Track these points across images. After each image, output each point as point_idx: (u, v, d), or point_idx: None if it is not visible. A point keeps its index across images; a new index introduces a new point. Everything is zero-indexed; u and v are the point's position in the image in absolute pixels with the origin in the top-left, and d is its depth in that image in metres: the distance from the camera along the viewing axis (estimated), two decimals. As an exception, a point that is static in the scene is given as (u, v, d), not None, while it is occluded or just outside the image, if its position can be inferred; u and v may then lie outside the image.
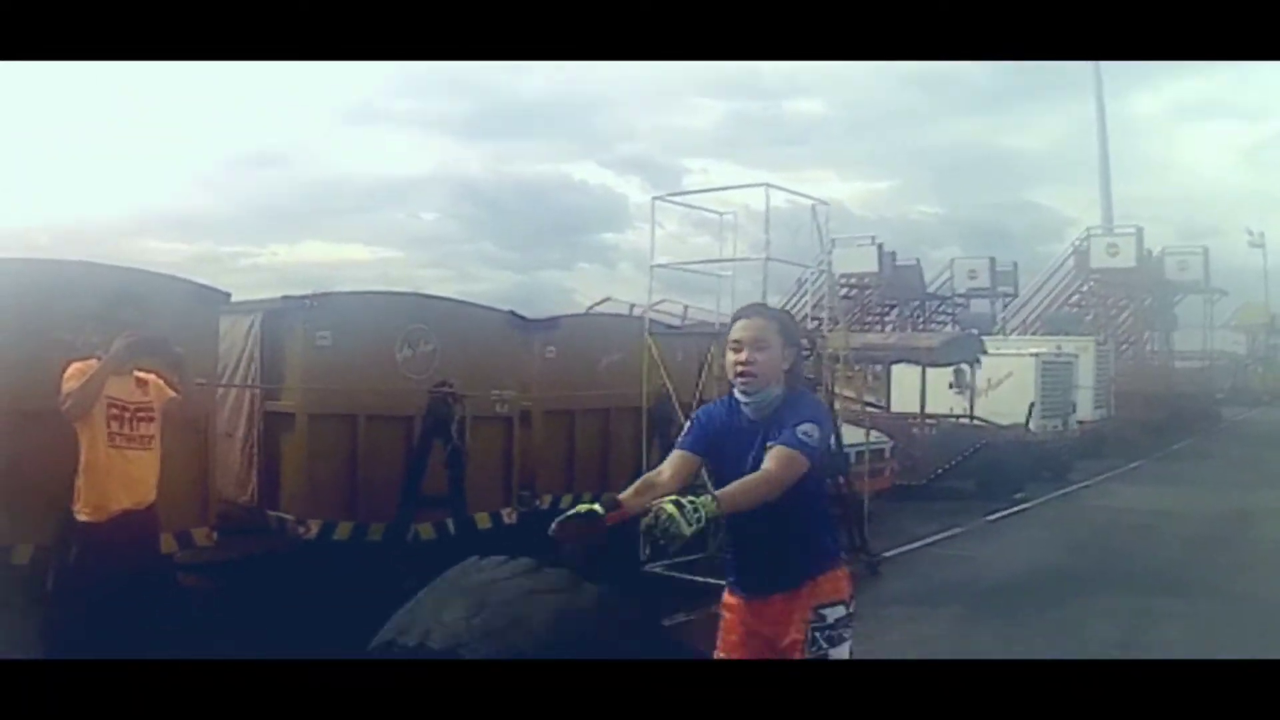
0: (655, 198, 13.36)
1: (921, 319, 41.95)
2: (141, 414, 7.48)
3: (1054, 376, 28.36)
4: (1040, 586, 13.57)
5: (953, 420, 23.77)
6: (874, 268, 40.63)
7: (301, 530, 10.06)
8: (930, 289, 42.53)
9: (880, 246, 41.32)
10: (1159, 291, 43.52)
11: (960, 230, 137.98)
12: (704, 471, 5.54)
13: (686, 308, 17.15)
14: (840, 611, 5.19)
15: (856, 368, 14.15)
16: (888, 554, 14.96)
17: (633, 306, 17.07)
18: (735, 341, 5.23)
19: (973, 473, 22.19)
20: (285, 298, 10.62)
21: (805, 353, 13.30)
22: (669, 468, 5.36)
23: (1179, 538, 17.72)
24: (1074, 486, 24.73)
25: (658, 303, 17.98)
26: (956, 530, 17.75)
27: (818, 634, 5.18)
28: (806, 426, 5.03)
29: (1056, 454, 26.36)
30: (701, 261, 14.55)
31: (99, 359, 7.30)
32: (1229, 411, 54.02)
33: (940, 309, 42.95)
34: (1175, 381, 44.67)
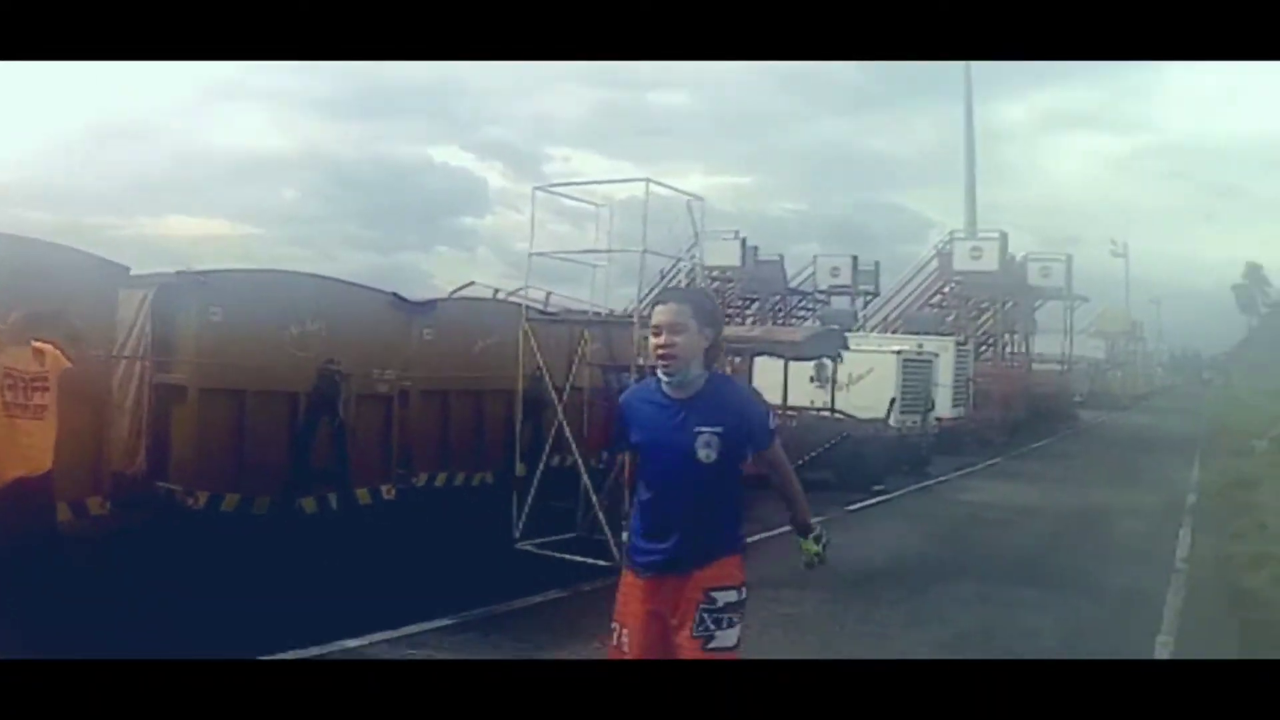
0: (536, 187, 13.70)
1: (782, 313, 42.45)
2: (37, 384, 7.66)
3: (914, 374, 28.75)
4: (902, 574, 14.18)
5: (814, 413, 24.22)
6: (736, 262, 41.19)
7: (190, 501, 10.30)
8: (792, 284, 43.08)
9: (744, 241, 41.75)
10: (1020, 295, 44.48)
11: (822, 228, 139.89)
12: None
13: (549, 294, 17.51)
14: (731, 596, 5.44)
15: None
16: (751, 539, 15.45)
17: (496, 291, 17.42)
18: (655, 326, 5.47)
19: (833, 464, 22.59)
20: (179, 273, 10.89)
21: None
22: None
23: (1036, 532, 18.43)
24: (932, 481, 25.36)
25: (516, 290, 18.47)
26: (817, 520, 18.23)
27: (706, 615, 5.45)
28: (770, 419, 5.60)
29: (915, 449, 26.98)
30: (581, 251, 14.98)
31: None
32: (1087, 414, 55.44)
33: (801, 304, 43.49)
34: (1034, 383, 45.62)
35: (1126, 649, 10.36)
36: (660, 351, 5.44)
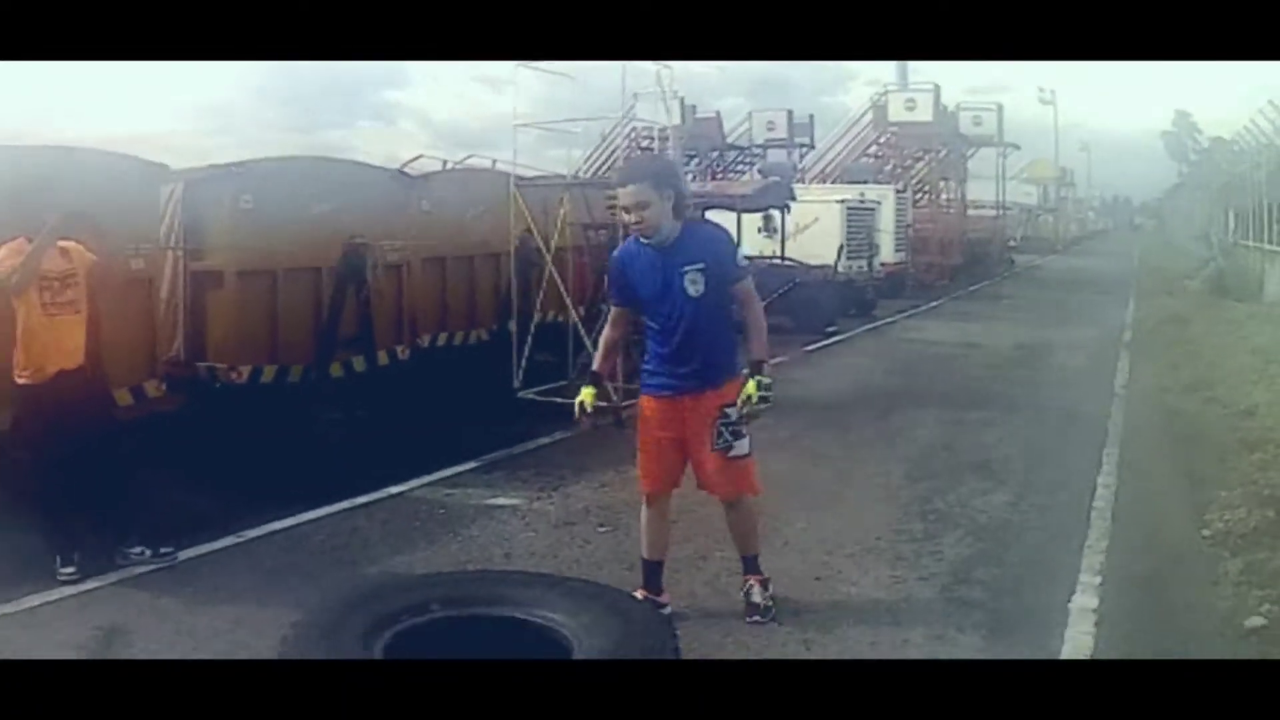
0: (519, 65, 14.41)
1: (720, 169, 42.85)
2: (68, 281, 8.12)
3: (858, 222, 29.58)
4: (867, 402, 15.57)
5: (766, 261, 24.85)
6: (675, 120, 41.31)
7: (234, 375, 11.05)
8: (729, 140, 43.49)
9: (682, 100, 42.30)
10: (954, 144, 45.34)
11: (744, 82, 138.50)
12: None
13: (495, 161, 18.44)
14: (768, 379, 6.42)
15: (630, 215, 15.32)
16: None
17: (494, 162, 18.26)
18: (623, 207, 6.45)
19: (787, 309, 23.45)
20: (211, 166, 11.62)
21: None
22: (614, 327, 6.97)
23: (983, 364, 19.82)
24: (880, 323, 26.89)
25: (467, 157, 19.31)
26: (780, 359, 19.27)
27: (724, 429, 6.47)
28: (739, 256, 6.65)
29: (862, 293, 28.30)
30: (560, 121, 15.88)
31: (28, 239, 7.96)
32: (1022, 259, 56.74)
33: (739, 159, 43.94)
34: (969, 228, 46.76)
35: (1075, 461, 11.58)
36: (634, 227, 6.44)
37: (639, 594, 6.81)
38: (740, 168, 42.56)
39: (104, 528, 8.37)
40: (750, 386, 6.35)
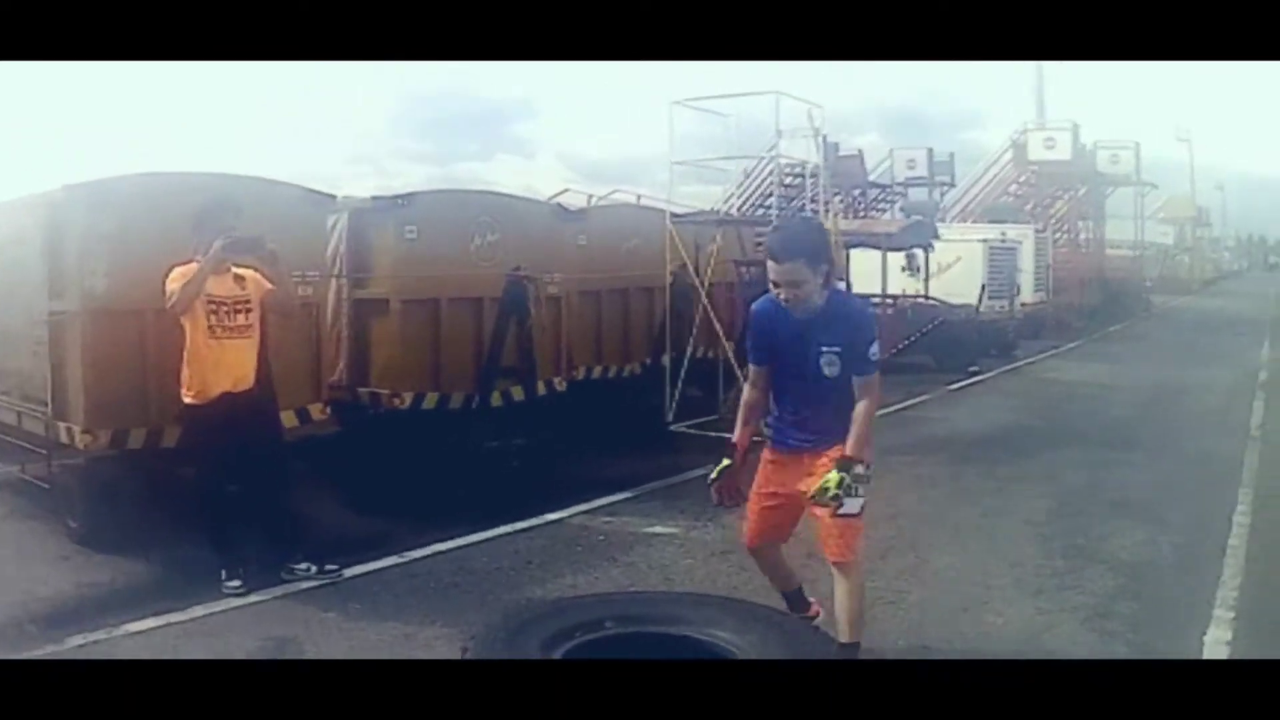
0: (674, 102, 14.65)
1: (862, 206, 42.85)
2: (239, 306, 8.40)
3: (1000, 261, 29.47)
4: (1011, 441, 15.54)
5: (911, 300, 25.01)
6: (818, 159, 41.36)
7: (397, 401, 11.31)
8: (870, 178, 43.50)
9: (824, 138, 42.21)
10: (1092, 183, 45.07)
11: (881, 119, 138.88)
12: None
13: (640, 196, 18.79)
14: (859, 469, 6.03)
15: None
16: (886, 411, 16.62)
17: (639, 197, 18.62)
18: (774, 282, 6.11)
19: (930, 348, 23.90)
20: (375, 198, 11.95)
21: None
22: (755, 388, 6.63)
23: (1122, 404, 19.69)
24: (1021, 362, 26.66)
25: (611, 193, 19.42)
26: (925, 397, 19.68)
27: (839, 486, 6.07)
28: (874, 349, 6.17)
29: (1003, 333, 27.96)
30: (716, 158, 16.04)
31: (198, 261, 8.18)
32: (1158, 299, 55.97)
33: (880, 197, 43.94)
34: (1107, 269, 46.24)
35: (1211, 500, 11.53)
36: (785, 299, 6.10)
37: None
38: (882, 205, 42.41)
39: (270, 544, 8.67)
40: (832, 478, 5.94)
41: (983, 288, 27.12)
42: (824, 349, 6.19)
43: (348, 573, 8.71)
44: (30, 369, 10.33)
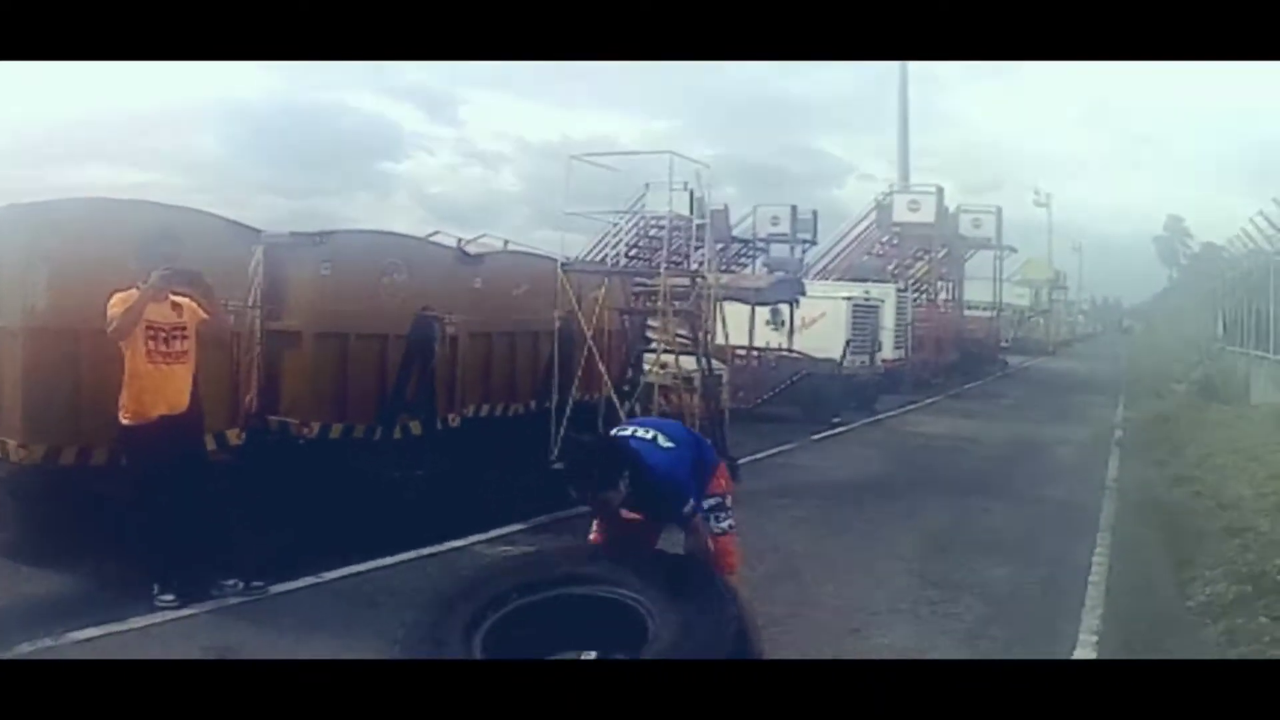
0: (572, 157, 15.47)
1: (724, 261, 43.71)
2: (176, 333, 8.83)
3: (863, 318, 30.47)
4: (877, 487, 16.61)
5: (776, 353, 26.05)
6: (685, 212, 42.30)
7: (305, 430, 11.92)
8: (734, 233, 44.29)
9: (690, 192, 43.28)
10: (954, 246, 46.71)
11: (740, 172, 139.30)
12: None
13: (506, 241, 19.59)
14: (715, 500, 7.09)
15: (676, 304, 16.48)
16: (754, 458, 17.92)
17: (506, 242, 19.36)
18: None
19: (795, 399, 25.01)
20: (293, 233, 12.50)
21: (689, 290, 15.90)
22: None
23: (983, 457, 20.97)
24: (882, 415, 27.80)
25: (479, 236, 20.18)
26: (790, 446, 20.54)
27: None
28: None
29: (864, 387, 28.98)
30: (607, 211, 16.93)
31: (138, 288, 8.52)
32: (1014, 359, 57.66)
33: (742, 252, 44.80)
34: (965, 329, 47.83)
35: (1071, 542, 12.60)
36: None
37: None
38: (744, 260, 43.39)
39: (199, 561, 9.13)
40: None
41: (846, 343, 28.12)
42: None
43: (272, 589, 9.29)
44: (-34, 384, 10.66)
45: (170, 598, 8.72)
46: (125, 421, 8.84)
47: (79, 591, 9.20)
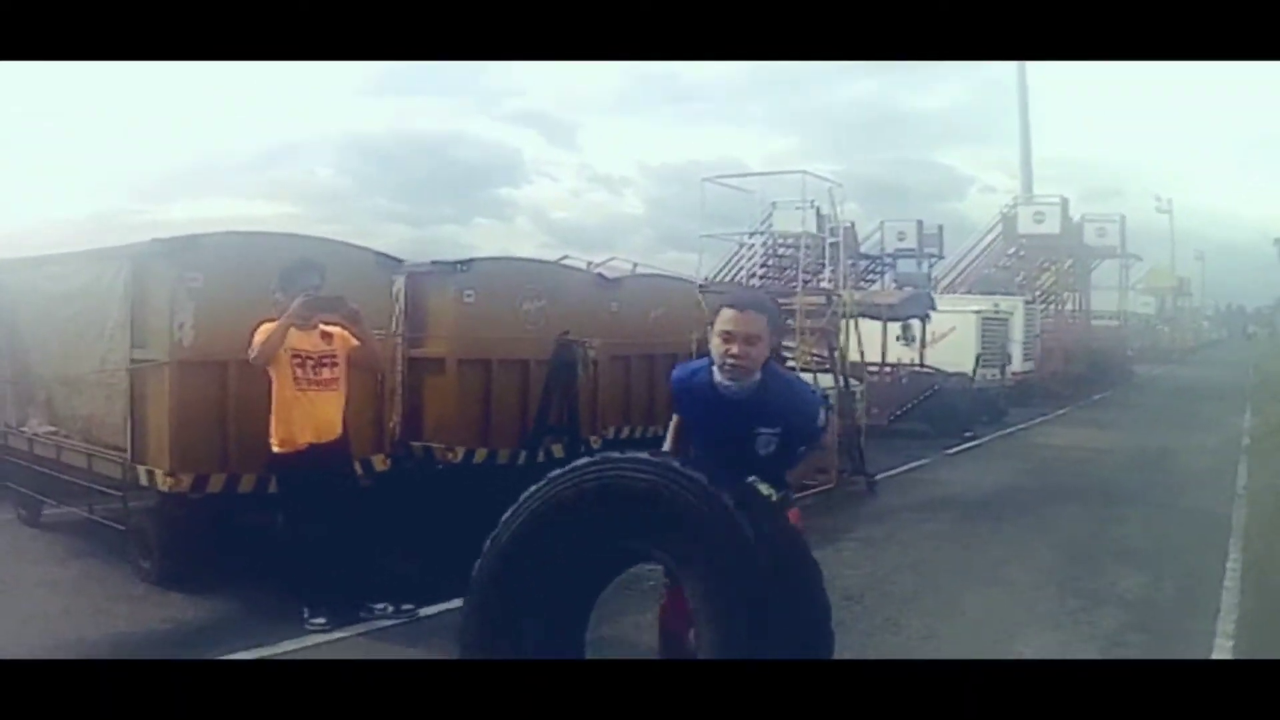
0: (705, 179, 15.33)
1: (853, 278, 43.53)
2: (325, 360, 8.94)
3: (993, 331, 30.51)
4: (1011, 500, 16.48)
5: (908, 369, 25.92)
6: (810, 229, 42.13)
7: (450, 455, 11.96)
8: (861, 249, 44.10)
9: (818, 210, 43.13)
10: (1079, 255, 46.15)
11: (860, 188, 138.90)
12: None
13: (635, 264, 19.49)
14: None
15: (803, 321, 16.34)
16: (893, 473, 18.06)
17: (635, 265, 19.32)
18: (727, 332, 5.36)
19: (927, 415, 24.80)
20: (434, 262, 12.63)
21: (824, 308, 15.70)
22: (671, 436, 6.05)
23: (1114, 466, 20.72)
24: (1013, 429, 27.54)
25: (609, 259, 20.16)
26: (924, 461, 20.51)
27: None
28: (821, 419, 5.64)
29: (995, 400, 28.89)
30: (741, 232, 16.76)
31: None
32: (1140, 368, 56.90)
33: (870, 268, 44.64)
34: (1092, 339, 47.04)
35: (1204, 549, 12.54)
36: (731, 361, 5.36)
37: None
38: (871, 277, 43.10)
39: (348, 584, 9.13)
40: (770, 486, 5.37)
41: (977, 357, 28.06)
42: (761, 430, 5.53)
43: (422, 612, 9.25)
44: (102, 413, 10.88)
45: (321, 621, 8.79)
46: (275, 449, 8.92)
47: (228, 616, 9.31)
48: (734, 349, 5.33)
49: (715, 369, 5.48)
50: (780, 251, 26.61)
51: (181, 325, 9.86)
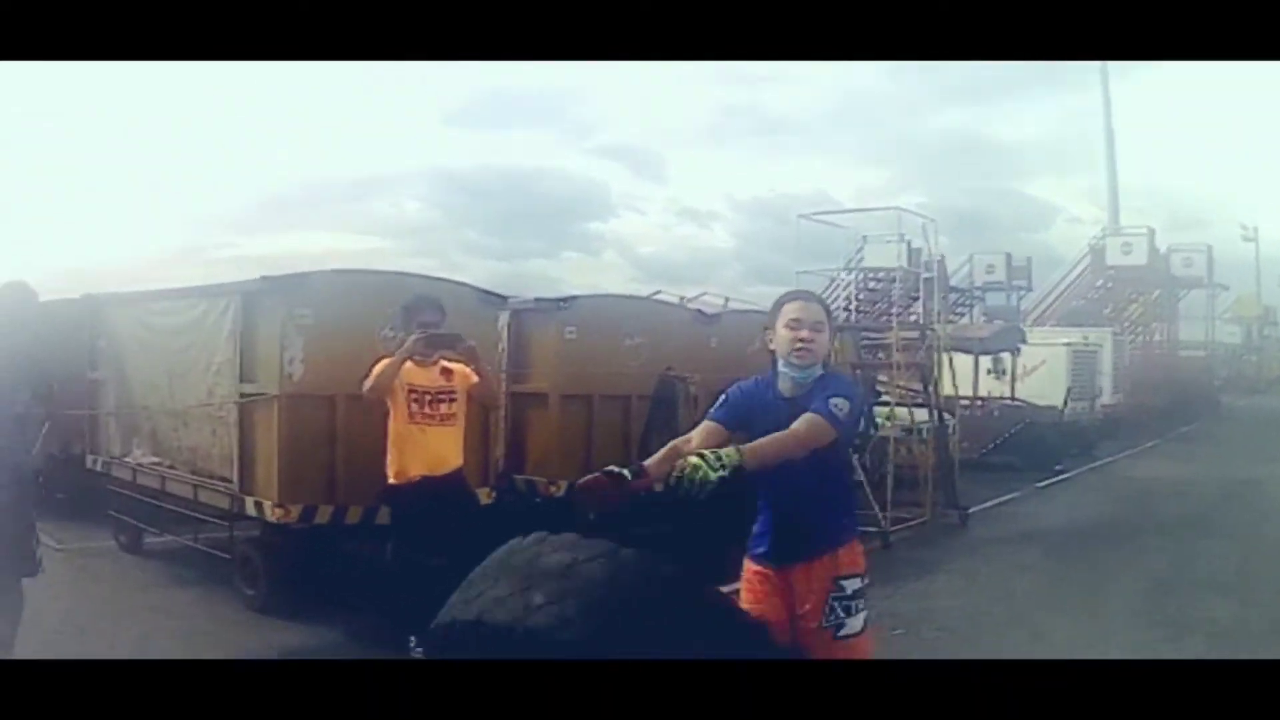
0: (800, 216, 15.47)
1: (944, 311, 43.41)
2: (443, 396, 8.91)
3: (1082, 364, 30.24)
4: (1101, 533, 16.40)
5: (999, 402, 25.86)
6: (903, 263, 42.05)
7: (552, 489, 11.99)
8: (950, 282, 44.01)
9: (909, 244, 43.14)
10: (1166, 286, 45.90)
11: (946, 219, 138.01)
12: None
13: (727, 299, 19.55)
14: (857, 583, 5.43)
15: (897, 355, 16.37)
16: (978, 508, 17.82)
17: (726, 300, 19.43)
18: (795, 320, 5.42)
19: (1016, 449, 24.61)
20: (537, 299, 12.84)
21: (919, 342, 15.68)
22: (697, 436, 5.78)
23: (1203, 499, 20.34)
24: (1102, 461, 27.11)
25: (700, 294, 20.19)
26: (1015, 494, 20.33)
27: (836, 604, 5.41)
28: (838, 400, 5.30)
29: (1084, 433, 28.49)
30: (836, 269, 16.80)
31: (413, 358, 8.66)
32: (1227, 399, 56.23)
33: (959, 301, 44.53)
34: (1180, 370, 46.60)
35: None
36: (800, 345, 5.42)
37: None
38: (960, 310, 42.98)
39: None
40: (693, 457, 5.08)
41: (1068, 390, 27.77)
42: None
43: None
44: (209, 445, 11.07)
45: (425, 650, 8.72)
46: (390, 480, 8.95)
47: (331, 644, 9.45)
48: (803, 334, 5.43)
49: (778, 371, 5.58)
50: (871, 285, 26.66)
51: (291, 360, 10.04)
